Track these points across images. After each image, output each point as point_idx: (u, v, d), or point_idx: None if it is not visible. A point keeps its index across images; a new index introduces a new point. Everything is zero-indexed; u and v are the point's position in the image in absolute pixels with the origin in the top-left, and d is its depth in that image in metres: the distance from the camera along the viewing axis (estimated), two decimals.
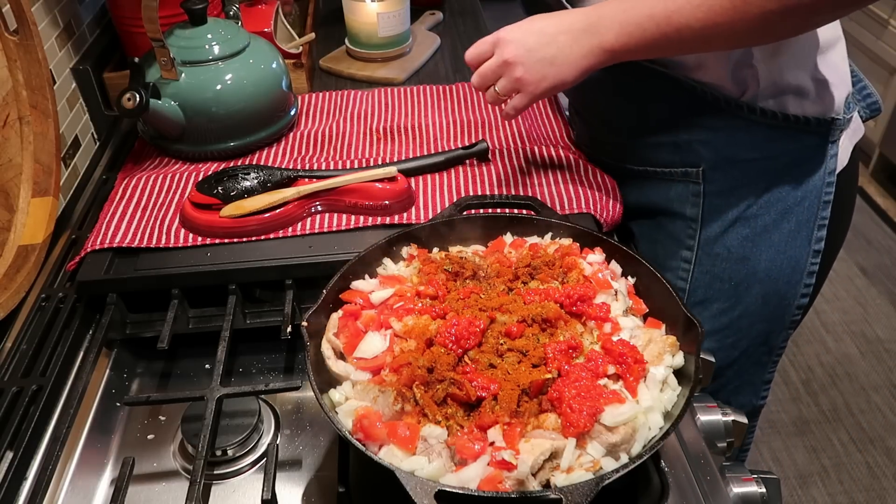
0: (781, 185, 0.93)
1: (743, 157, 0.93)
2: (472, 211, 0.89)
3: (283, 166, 1.06)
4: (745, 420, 0.79)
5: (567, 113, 1.21)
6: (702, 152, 0.95)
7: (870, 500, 1.91)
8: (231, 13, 1.33)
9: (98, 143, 1.22)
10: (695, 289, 1.02)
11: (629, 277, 0.77)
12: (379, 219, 0.94)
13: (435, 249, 0.83)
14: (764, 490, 0.72)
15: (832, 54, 0.92)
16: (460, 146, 1.07)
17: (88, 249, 0.90)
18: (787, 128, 0.90)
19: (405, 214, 0.95)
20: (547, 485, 0.59)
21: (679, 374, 0.68)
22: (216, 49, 1.06)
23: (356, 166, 1.04)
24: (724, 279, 0.99)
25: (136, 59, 1.05)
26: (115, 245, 0.90)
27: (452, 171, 1.04)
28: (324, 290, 0.73)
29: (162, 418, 0.81)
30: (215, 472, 0.75)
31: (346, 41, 1.48)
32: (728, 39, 0.78)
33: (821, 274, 1.00)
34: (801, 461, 2.01)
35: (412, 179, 1.01)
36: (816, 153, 0.92)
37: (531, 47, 0.84)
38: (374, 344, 0.69)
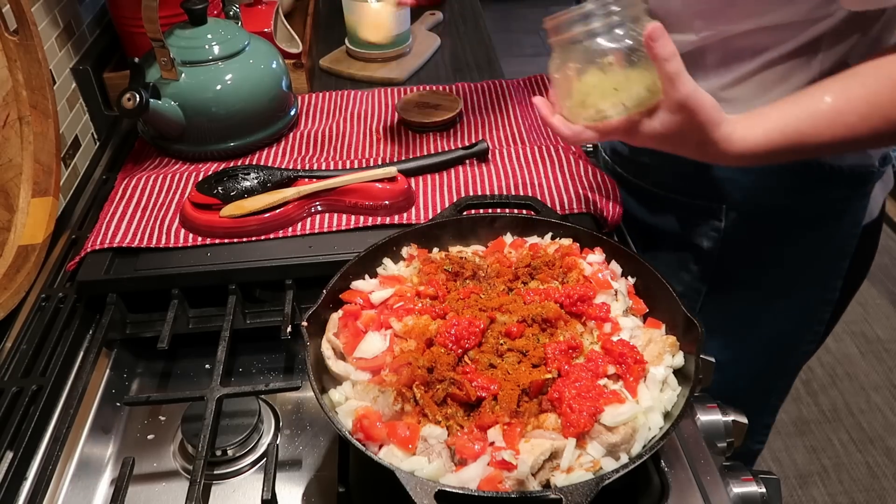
0: (805, 233, 0.89)
1: (770, 202, 0.89)
2: (472, 211, 0.89)
3: (283, 166, 1.06)
4: (745, 420, 0.79)
5: None
6: (728, 190, 0.90)
7: (870, 500, 1.91)
8: (231, 13, 1.33)
9: (98, 143, 1.22)
10: (705, 317, 0.96)
11: (629, 277, 0.77)
12: (379, 219, 0.94)
13: (435, 249, 0.83)
14: (764, 490, 0.72)
15: None
16: (460, 146, 1.07)
17: (88, 249, 0.90)
18: (819, 178, 0.85)
19: (405, 214, 0.95)
20: (547, 485, 0.59)
21: (679, 374, 0.68)
22: (216, 49, 1.06)
23: (356, 166, 1.04)
24: (733, 316, 0.96)
25: (136, 59, 1.05)
26: (115, 245, 0.90)
27: (452, 171, 1.04)
28: (324, 290, 0.73)
29: (162, 418, 0.81)
30: (215, 472, 0.75)
31: (346, 41, 1.48)
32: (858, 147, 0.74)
33: (831, 320, 0.97)
34: (801, 461, 2.01)
35: (412, 179, 1.01)
36: (846, 205, 0.88)
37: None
38: (374, 344, 0.69)
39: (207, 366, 0.88)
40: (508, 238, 0.84)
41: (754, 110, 0.72)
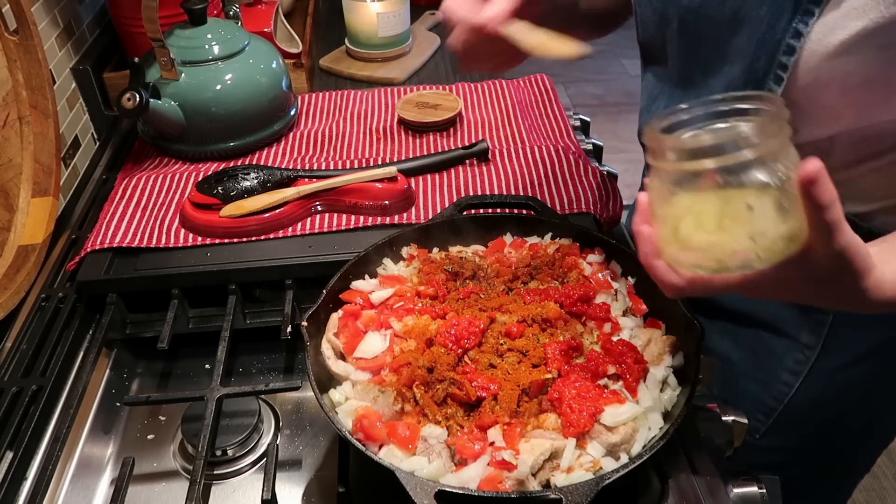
0: None
1: None
2: (472, 211, 0.89)
3: (283, 166, 1.06)
4: (745, 420, 0.79)
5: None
6: None
7: (870, 500, 1.91)
8: (231, 13, 1.33)
9: (98, 143, 1.22)
10: (789, 409, 0.89)
11: (629, 277, 0.77)
12: (379, 219, 0.94)
13: (435, 249, 0.83)
14: (764, 490, 0.72)
15: None
16: (460, 146, 1.07)
17: (88, 249, 0.90)
18: None
19: (405, 214, 0.95)
20: (547, 485, 0.59)
21: (680, 374, 0.68)
22: (216, 49, 1.06)
23: (356, 166, 1.04)
24: (830, 408, 0.87)
25: (136, 59, 1.05)
26: (115, 245, 0.90)
27: (452, 171, 1.04)
28: (324, 290, 0.73)
29: (162, 418, 0.81)
30: (215, 472, 0.75)
31: (346, 41, 1.48)
32: None
33: None
34: None
35: (412, 179, 1.01)
36: None
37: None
38: (374, 344, 0.69)
39: (207, 366, 0.88)
40: (508, 238, 0.84)
41: (887, 243, 0.58)
